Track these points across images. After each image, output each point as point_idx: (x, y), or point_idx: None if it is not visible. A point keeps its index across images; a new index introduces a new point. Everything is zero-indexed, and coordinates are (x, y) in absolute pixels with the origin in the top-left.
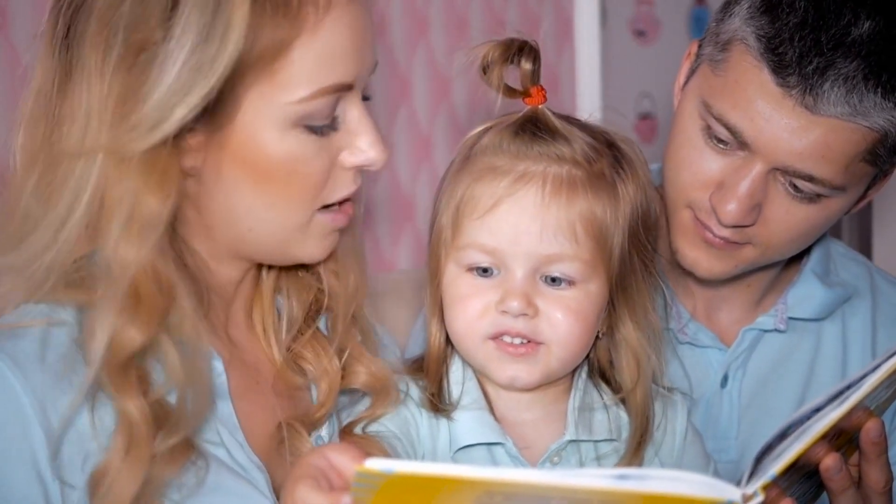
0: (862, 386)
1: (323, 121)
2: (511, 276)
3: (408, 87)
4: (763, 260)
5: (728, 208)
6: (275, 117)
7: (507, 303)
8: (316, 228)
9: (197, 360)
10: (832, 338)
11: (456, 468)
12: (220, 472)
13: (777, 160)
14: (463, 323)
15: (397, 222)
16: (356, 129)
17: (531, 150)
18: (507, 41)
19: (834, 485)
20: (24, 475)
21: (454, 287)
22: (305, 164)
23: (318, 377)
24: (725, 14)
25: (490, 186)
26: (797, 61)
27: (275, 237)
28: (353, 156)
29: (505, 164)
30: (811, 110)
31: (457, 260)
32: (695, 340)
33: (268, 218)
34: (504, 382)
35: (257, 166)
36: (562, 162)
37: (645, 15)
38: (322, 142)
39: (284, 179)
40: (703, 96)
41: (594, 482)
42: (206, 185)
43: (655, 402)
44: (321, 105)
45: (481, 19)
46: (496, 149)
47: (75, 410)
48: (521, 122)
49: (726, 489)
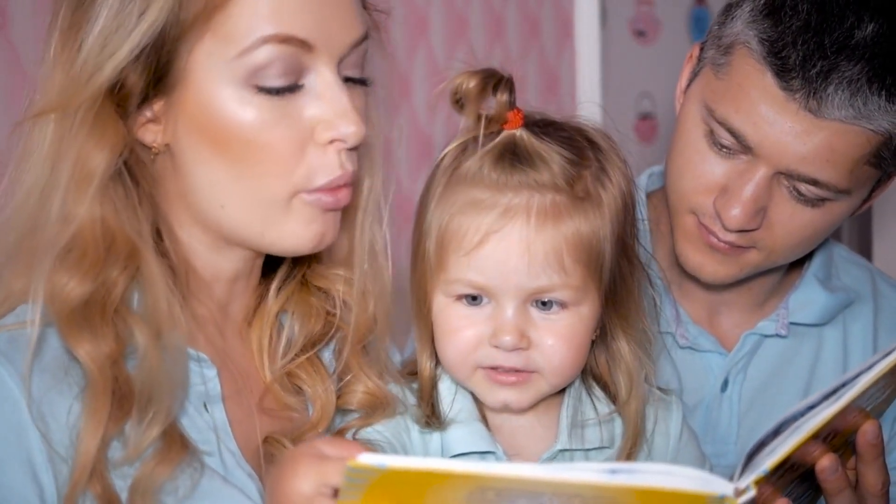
0: (856, 384)
1: (277, 81)
2: (501, 308)
3: (408, 87)
4: (767, 264)
5: (732, 213)
6: (224, 75)
7: (500, 338)
8: (298, 210)
9: (169, 341)
10: (833, 342)
11: (448, 463)
12: (213, 478)
13: (781, 164)
14: (455, 354)
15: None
16: (326, 99)
17: (512, 179)
18: (483, 74)
19: (830, 486)
20: (21, 477)
21: (444, 317)
22: (265, 130)
23: (312, 400)
24: (727, 17)
25: (475, 222)
26: (801, 65)
27: (250, 215)
28: (326, 130)
29: (487, 197)
30: (815, 114)
31: (445, 291)
32: (695, 345)
33: (237, 192)
34: (496, 407)
35: (215, 132)
36: (544, 190)
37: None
38: (283, 107)
39: (245, 147)
40: (705, 100)
41: (585, 476)
42: (177, 159)
43: (649, 407)
44: (267, 57)
45: (481, 19)
46: (476, 178)
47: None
48: (500, 150)
49: (718, 483)
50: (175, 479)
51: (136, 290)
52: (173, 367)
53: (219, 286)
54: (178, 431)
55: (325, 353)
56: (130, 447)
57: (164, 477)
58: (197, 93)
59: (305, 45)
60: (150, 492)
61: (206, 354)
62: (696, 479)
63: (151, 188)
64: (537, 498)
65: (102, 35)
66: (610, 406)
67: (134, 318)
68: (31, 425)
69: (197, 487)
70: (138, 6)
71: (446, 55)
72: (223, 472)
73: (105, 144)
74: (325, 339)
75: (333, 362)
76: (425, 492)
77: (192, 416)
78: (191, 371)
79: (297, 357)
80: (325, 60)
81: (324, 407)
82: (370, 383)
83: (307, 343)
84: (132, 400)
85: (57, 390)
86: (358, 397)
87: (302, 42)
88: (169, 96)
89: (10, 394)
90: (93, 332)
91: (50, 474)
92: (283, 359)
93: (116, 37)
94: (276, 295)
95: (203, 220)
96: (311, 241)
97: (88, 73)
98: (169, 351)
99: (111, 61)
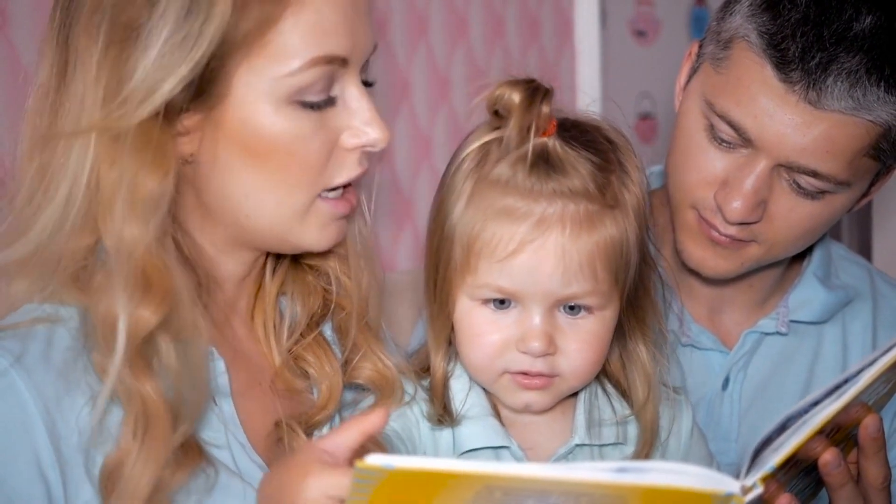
0: (859, 380)
1: (318, 96)
2: (529, 313)
3: (408, 87)
4: (768, 258)
5: (733, 206)
6: (268, 92)
7: (528, 344)
8: (316, 215)
9: (193, 352)
10: (833, 340)
11: (456, 463)
12: (222, 473)
13: (781, 156)
14: (482, 358)
15: (397, 222)
16: (354, 108)
17: (546, 186)
18: (527, 86)
19: (833, 480)
20: (28, 475)
21: (469, 321)
22: (303, 143)
23: (320, 380)
24: (726, 13)
25: (509, 230)
26: (800, 57)
27: (273, 224)
28: (355, 136)
29: (522, 205)
30: (815, 105)
31: (470, 294)
32: (696, 343)
33: (266, 203)
34: (518, 408)
35: (254, 146)
36: (577, 198)
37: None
38: (320, 120)
39: (282, 160)
40: (705, 95)
41: (594, 476)
42: (203, 169)
43: (663, 407)
44: (313, 77)
45: (481, 19)
46: (510, 184)
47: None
48: (533, 157)
49: (725, 481)
50: (189, 483)
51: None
52: (199, 380)
53: (228, 285)
54: (194, 438)
55: (325, 331)
56: None
57: (181, 483)
58: (239, 108)
59: (344, 62)
60: (166, 498)
61: (214, 348)
62: (703, 478)
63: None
64: (545, 498)
65: (161, 54)
66: (622, 402)
67: (164, 339)
68: (39, 424)
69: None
70: (197, 24)
71: (446, 55)
72: (233, 464)
73: (163, 167)
74: (328, 316)
75: (336, 339)
76: (433, 491)
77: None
78: None
79: (304, 337)
80: (353, 71)
81: (331, 387)
82: (379, 362)
83: (311, 322)
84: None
85: (66, 390)
86: (367, 373)
87: (342, 60)
88: (208, 111)
89: (18, 393)
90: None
91: (57, 473)
92: (290, 339)
93: (175, 56)
94: (272, 276)
95: (223, 227)
96: (328, 242)
97: (143, 95)
98: (195, 363)
99: (168, 82)
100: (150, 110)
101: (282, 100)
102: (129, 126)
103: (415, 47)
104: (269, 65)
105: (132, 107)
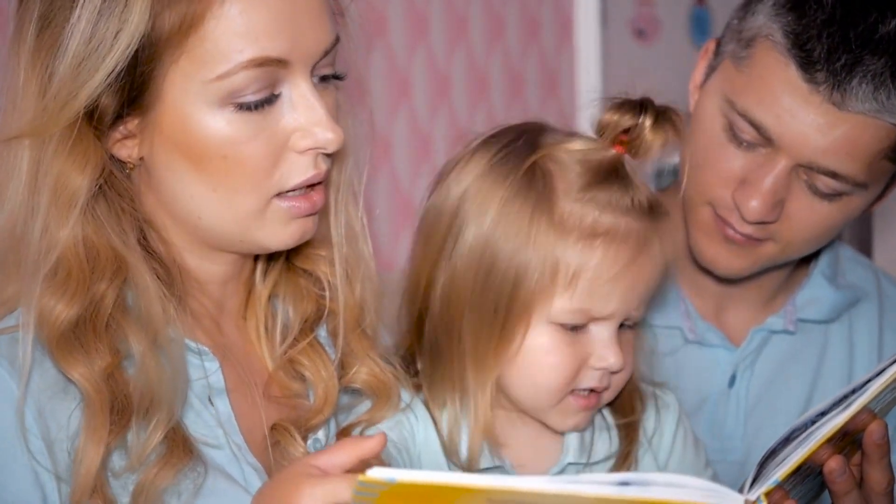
0: (866, 391)
1: (255, 97)
2: (603, 331)
3: (408, 87)
4: (782, 257)
5: (752, 204)
6: (200, 95)
7: (608, 360)
8: (274, 215)
9: (163, 342)
10: (839, 340)
11: (458, 476)
12: (216, 476)
13: (802, 156)
14: (558, 381)
15: (397, 222)
16: (302, 109)
17: (623, 201)
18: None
19: (838, 487)
20: (23, 480)
21: (548, 345)
22: (242, 145)
23: (315, 384)
24: (747, 12)
25: (607, 255)
26: (826, 57)
27: (227, 224)
28: (304, 138)
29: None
30: (838, 106)
31: (549, 317)
32: (703, 340)
33: (214, 204)
34: (564, 429)
35: (191, 149)
36: (653, 216)
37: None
38: (261, 121)
39: (221, 162)
40: (725, 93)
41: (595, 490)
42: (155, 171)
43: (648, 406)
44: (246, 80)
45: (481, 19)
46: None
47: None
48: (606, 171)
49: (729, 496)
50: (178, 483)
51: (130, 292)
52: (172, 367)
53: (212, 286)
54: (181, 435)
55: (319, 334)
56: (133, 455)
57: (168, 482)
58: (173, 111)
59: (281, 63)
60: (152, 497)
61: (207, 347)
62: (707, 492)
63: (133, 199)
64: None
65: (76, 60)
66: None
67: (129, 324)
68: (32, 427)
69: (202, 489)
70: (111, 31)
71: (446, 55)
72: (230, 466)
73: (84, 167)
74: (322, 320)
75: (330, 343)
76: None
77: (198, 409)
78: (193, 365)
79: (298, 342)
80: (299, 71)
81: (326, 390)
82: (375, 367)
83: (305, 326)
84: (132, 409)
85: (59, 396)
86: (362, 377)
87: (278, 61)
88: (144, 115)
89: (12, 397)
90: (86, 352)
91: (52, 477)
92: (283, 344)
93: (90, 62)
94: (264, 279)
95: (184, 228)
96: (291, 238)
97: (63, 100)
98: (166, 351)
99: (85, 88)
100: (69, 117)
101: (215, 102)
102: (54, 128)
103: (415, 47)
104: (197, 68)
105: (56, 110)
